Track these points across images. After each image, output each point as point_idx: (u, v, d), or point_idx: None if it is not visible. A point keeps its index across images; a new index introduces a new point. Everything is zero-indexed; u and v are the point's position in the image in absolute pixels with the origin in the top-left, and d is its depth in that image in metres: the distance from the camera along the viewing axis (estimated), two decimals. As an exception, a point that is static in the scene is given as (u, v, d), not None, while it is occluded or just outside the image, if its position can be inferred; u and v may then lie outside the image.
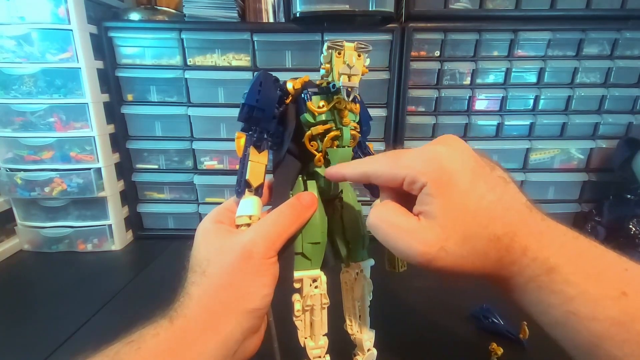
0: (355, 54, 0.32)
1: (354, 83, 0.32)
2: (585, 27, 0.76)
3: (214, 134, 0.82)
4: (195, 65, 0.78)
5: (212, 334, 0.26)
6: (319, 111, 0.34)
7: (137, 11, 0.81)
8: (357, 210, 0.38)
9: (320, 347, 0.36)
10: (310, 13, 0.71)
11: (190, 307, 0.27)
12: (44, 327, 0.55)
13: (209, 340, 0.26)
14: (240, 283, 0.28)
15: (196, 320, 0.26)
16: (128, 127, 0.82)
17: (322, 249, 0.36)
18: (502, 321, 0.52)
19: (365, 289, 0.40)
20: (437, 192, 0.26)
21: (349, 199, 0.38)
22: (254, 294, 0.28)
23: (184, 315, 0.27)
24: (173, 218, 0.87)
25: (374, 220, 0.29)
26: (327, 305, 0.36)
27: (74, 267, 0.75)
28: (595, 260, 0.24)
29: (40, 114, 0.74)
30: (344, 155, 0.36)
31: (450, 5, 0.75)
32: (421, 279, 0.65)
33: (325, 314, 0.36)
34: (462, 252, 0.25)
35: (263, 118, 0.35)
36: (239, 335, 0.28)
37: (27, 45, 0.70)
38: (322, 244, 0.36)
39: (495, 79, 0.80)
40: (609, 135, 0.83)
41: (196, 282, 0.28)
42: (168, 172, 0.85)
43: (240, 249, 0.29)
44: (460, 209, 0.25)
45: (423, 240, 0.26)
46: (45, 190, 0.77)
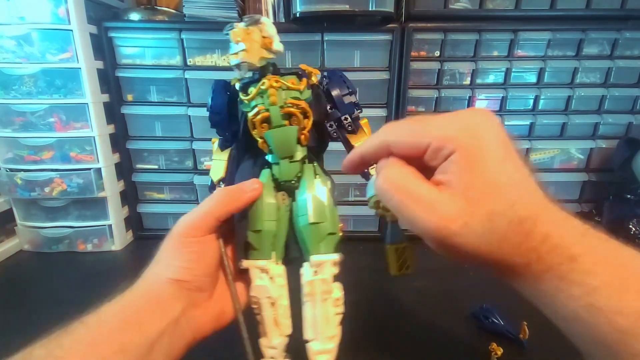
0: (243, 30, 0.33)
1: (242, 58, 0.32)
2: (585, 27, 0.76)
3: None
4: (195, 66, 0.78)
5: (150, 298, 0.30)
6: (247, 99, 0.35)
7: (137, 11, 0.81)
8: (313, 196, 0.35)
9: (272, 347, 0.34)
10: (310, 13, 0.71)
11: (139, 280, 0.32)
12: (44, 327, 0.55)
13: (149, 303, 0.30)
14: (164, 257, 0.33)
15: (140, 288, 0.31)
16: (128, 127, 0.82)
17: (269, 237, 0.34)
18: (502, 321, 0.52)
19: (317, 291, 0.33)
20: (467, 162, 0.23)
21: (304, 185, 0.36)
22: (172, 266, 0.32)
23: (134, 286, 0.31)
24: (173, 218, 0.87)
25: (385, 184, 0.26)
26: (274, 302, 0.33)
27: (74, 267, 0.75)
28: (617, 252, 0.22)
29: (40, 114, 0.74)
30: (279, 135, 0.35)
31: (450, 5, 0.75)
32: (421, 279, 0.65)
33: (281, 312, 0.34)
34: (484, 230, 0.23)
35: (221, 121, 0.40)
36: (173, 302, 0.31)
37: (27, 45, 0.70)
38: (265, 232, 0.34)
39: (495, 79, 0.80)
40: (609, 135, 0.82)
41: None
42: (168, 172, 0.85)
43: (172, 230, 0.33)
44: (489, 183, 0.23)
45: (444, 213, 0.23)
46: (45, 191, 0.77)
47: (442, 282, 0.65)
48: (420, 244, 0.36)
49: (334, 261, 0.34)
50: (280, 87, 0.35)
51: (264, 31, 0.33)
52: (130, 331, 0.28)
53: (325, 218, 0.34)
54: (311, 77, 0.39)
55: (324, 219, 0.34)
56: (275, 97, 0.34)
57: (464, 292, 0.62)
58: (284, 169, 0.36)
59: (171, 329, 0.30)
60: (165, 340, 0.29)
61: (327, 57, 0.76)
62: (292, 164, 0.36)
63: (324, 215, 0.34)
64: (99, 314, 0.29)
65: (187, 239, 0.32)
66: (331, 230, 0.35)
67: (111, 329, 0.28)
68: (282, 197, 0.37)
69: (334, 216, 0.35)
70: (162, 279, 0.31)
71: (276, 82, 0.35)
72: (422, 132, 0.25)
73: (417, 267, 0.36)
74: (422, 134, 0.25)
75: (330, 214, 0.35)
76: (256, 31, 0.33)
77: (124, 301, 0.30)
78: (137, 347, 0.28)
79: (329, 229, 0.34)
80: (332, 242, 0.35)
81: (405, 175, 0.26)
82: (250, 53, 0.32)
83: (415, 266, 0.37)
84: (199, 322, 0.32)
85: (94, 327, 0.28)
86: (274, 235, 0.35)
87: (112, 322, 0.28)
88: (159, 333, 0.29)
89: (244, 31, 0.33)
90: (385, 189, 0.26)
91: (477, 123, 0.24)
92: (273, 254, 0.35)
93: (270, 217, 0.35)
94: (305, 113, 0.36)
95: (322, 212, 0.34)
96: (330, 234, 0.35)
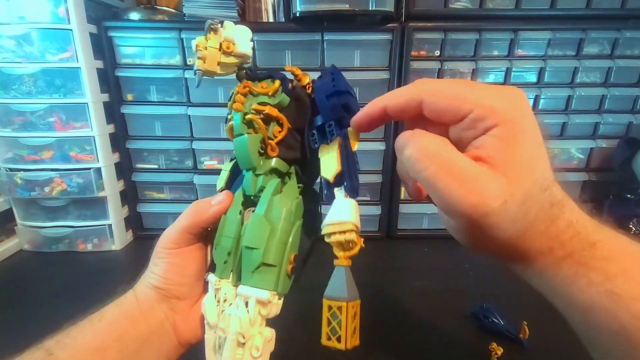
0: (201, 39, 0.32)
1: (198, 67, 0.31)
2: (585, 26, 0.76)
3: (214, 133, 0.82)
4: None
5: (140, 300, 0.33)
6: (229, 107, 0.34)
7: (136, 11, 0.81)
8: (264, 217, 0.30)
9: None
10: (310, 12, 0.71)
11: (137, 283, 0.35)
12: (44, 327, 0.55)
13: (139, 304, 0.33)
14: (150, 265, 0.35)
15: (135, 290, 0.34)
16: (128, 126, 0.82)
17: (223, 255, 0.32)
18: (502, 321, 0.52)
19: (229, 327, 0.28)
20: (511, 138, 0.22)
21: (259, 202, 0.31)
22: (152, 273, 0.34)
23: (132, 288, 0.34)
24: (173, 218, 0.84)
25: (420, 152, 0.23)
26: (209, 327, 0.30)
27: (74, 267, 0.75)
28: (630, 242, 0.23)
29: (40, 113, 0.74)
30: (237, 145, 0.32)
31: (450, 5, 0.75)
32: (421, 279, 0.65)
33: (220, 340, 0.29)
34: (517, 214, 0.22)
35: None
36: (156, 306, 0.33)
37: (27, 45, 0.70)
38: (220, 247, 0.32)
39: (495, 79, 0.80)
40: (609, 135, 0.82)
41: None
42: (168, 172, 0.85)
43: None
44: (530, 164, 0.22)
45: (485, 191, 0.21)
46: (45, 190, 0.77)
47: (442, 282, 0.65)
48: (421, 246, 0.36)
49: (261, 299, 0.28)
50: (250, 92, 0.33)
51: (222, 36, 0.32)
52: (125, 325, 0.31)
53: (260, 244, 0.29)
54: (300, 79, 0.35)
55: (259, 245, 0.29)
56: (240, 103, 0.32)
57: (464, 292, 0.62)
58: (246, 182, 0.33)
59: (158, 330, 0.33)
60: (155, 340, 0.32)
61: (327, 57, 0.76)
62: (254, 177, 0.33)
63: (260, 241, 0.29)
64: (101, 310, 0.32)
65: (165, 250, 0.34)
66: (268, 260, 0.29)
67: (110, 321, 0.31)
68: (249, 213, 0.33)
69: (279, 244, 0.29)
70: (147, 284, 0.34)
71: (244, 88, 0.33)
72: (464, 97, 0.23)
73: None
74: (464, 98, 0.23)
75: (275, 242, 0.29)
76: (213, 37, 0.32)
77: (122, 300, 0.33)
78: (132, 339, 0.31)
79: (265, 259, 0.29)
80: (268, 276, 0.29)
81: (443, 144, 0.23)
82: (206, 61, 0.31)
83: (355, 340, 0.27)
84: (180, 329, 0.34)
85: (96, 321, 0.31)
86: (229, 252, 0.31)
87: (110, 317, 0.32)
88: (149, 331, 0.32)
89: (203, 39, 0.32)
90: (418, 158, 0.23)
91: (521, 101, 0.23)
92: (231, 274, 0.31)
93: (227, 233, 0.32)
94: (277, 120, 0.33)
95: (260, 237, 0.29)
96: (266, 265, 0.29)
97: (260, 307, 0.28)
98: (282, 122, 0.33)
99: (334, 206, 0.29)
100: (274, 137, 0.33)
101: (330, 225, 0.28)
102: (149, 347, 0.32)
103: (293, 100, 0.34)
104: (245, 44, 0.34)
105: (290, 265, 0.30)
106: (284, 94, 0.33)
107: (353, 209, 0.28)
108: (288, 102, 0.34)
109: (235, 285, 0.31)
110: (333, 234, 0.28)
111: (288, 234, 0.30)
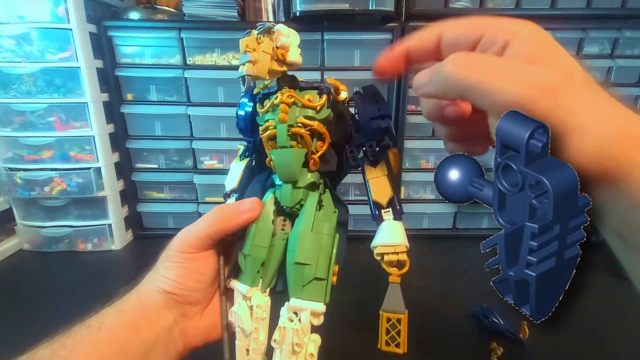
0: (252, 40, 0.29)
1: (242, 71, 0.29)
2: (585, 26, 0.76)
3: (214, 133, 0.82)
4: (195, 65, 0.78)
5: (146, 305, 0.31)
6: (261, 112, 0.33)
7: (136, 10, 0.81)
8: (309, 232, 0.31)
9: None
10: (310, 12, 0.71)
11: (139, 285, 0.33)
12: (44, 327, 0.55)
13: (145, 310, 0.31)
14: (160, 267, 0.33)
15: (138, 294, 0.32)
16: (128, 126, 0.82)
17: (255, 265, 0.32)
18: (502, 321, 0.52)
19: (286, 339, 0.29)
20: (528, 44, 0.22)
21: (301, 216, 0.32)
22: (165, 277, 0.32)
23: (135, 291, 0.32)
24: (173, 217, 0.87)
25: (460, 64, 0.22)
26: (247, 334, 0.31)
27: (74, 267, 0.75)
28: None
29: (40, 113, 0.74)
30: (282, 157, 0.32)
31: (451, 5, 0.75)
32: (421, 279, 0.65)
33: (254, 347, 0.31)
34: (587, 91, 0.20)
35: (245, 128, 0.37)
36: (166, 312, 0.31)
37: (27, 44, 0.70)
38: (252, 258, 0.32)
39: (496, 79, 0.80)
40: (609, 135, 0.82)
41: None
42: (168, 171, 0.85)
43: (169, 243, 0.33)
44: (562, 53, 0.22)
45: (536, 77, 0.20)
46: (45, 190, 0.77)
47: (442, 282, 0.65)
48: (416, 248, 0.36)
49: (315, 311, 0.30)
50: (295, 103, 0.31)
51: (277, 41, 0.30)
52: (128, 334, 0.29)
53: (312, 260, 0.30)
54: (339, 92, 0.35)
55: (310, 261, 0.30)
56: (285, 114, 0.30)
57: (464, 292, 0.63)
58: (284, 194, 0.33)
59: (165, 336, 0.31)
60: (160, 347, 0.31)
61: (327, 57, 0.76)
62: (295, 190, 0.33)
63: (311, 257, 0.30)
64: (100, 316, 0.30)
65: (180, 254, 0.32)
66: (319, 275, 0.30)
67: (111, 331, 0.29)
68: (281, 222, 0.33)
69: (325, 258, 0.31)
70: (155, 288, 0.32)
71: (289, 98, 0.31)
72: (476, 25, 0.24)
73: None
74: (476, 26, 0.24)
75: (322, 257, 0.30)
76: (267, 41, 0.29)
77: (124, 305, 0.31)
78: (136, 349, 0.29)
79: (316, 274, 0.30)
80: (318, 289, 0.30)
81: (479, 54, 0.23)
82: (257, 66, 0.29)
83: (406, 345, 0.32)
84: (190, 334, 0.33)
85: (95, 329, 0.29)
86: (262, 262, 0.32)
87: (112, 325, 0.29)
88: (154, 339, 0.30)
89: (254, 40, 0.29)
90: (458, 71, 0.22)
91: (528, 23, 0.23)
92: (260, 281, 0.32)
93: (260, 243, 0.32)
94: (320, 135, 0.32)
95: (311, 253, 0.30)
96: (317, 280, 0.30)
97: (312, 317, 0.30)
98: (325, 137, 0.33)
99: (385, 229, 0.33)
100: (316, 151, 0.33)
101: (384, 247, 0.32)
102: (154, 355, 0.30)
103: (335, 116, 0.34)
104: (296, 51, 0.32)
105: (334, 277, 0.31)
106: (329, 110, 0.33)
107: (403, 232, 0.33)
108: (331, 117, 0.33)
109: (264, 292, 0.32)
110: (386, 254, 0.32)
111: (331, 247, 0.31)
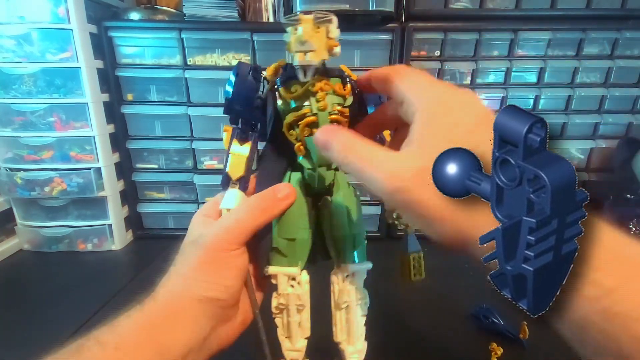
0: (313, 27, 0.28)
1: (309, 61, 0.28)
2: (585, 26, 0.76)
3: (214, 133, 0.82)
4: (195, 65, 0.78)
5: (177, 317, 0.28)
6: (290, 97, 0.32)
7: (137, 11, 0.81)
8: (348, 206, 0.34)
9: (297, 349, 0.34)
10: (310, 12, 0.71)
11: (160, 293, 0.29)
12: (44, 327, 0.55)
13: (175, 323, 0.27)
14: (200, 273, 0.29)
15: (164, 304, 0.28)
16: (128, 126, 0.82)
17: (302, 246, 0.34)
18: (502, 321, 0.52)
19: (352, 297, 0.34)
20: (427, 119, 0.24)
21: (339, 194, 0.35)
22: (214, 283, 0.29)
23: (154, 300, 0.28)
24: (173, 218, 0.87)
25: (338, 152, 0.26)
26: (303, 308, 0.33)
27: (74, 267, 0.75)
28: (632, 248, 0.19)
29: (40, 113, 0.74)
30: None
31: (451, 5, 0.75)
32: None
33: (305, 316, 0.34)
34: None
35: (242, 110, 0.35)
36: (205, 322, 0.28)
37: (27, 44, 0.70)
38: (299, 240, 0.33)
39: (496, 79, 0.80)
40: (609, 135, 0.82)
41: (170, 270, 0.30)
42: (168, 171, 0.85)
43: (203, 242, 0.30)
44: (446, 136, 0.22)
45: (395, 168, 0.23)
46: (45, 190, 0.77)
47: (442, 282, 0.65)
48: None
49: (368, 269, 0.35)
50: (330, 91, 0.32)
51: (331, 32, 0.29)
52: (149, 352, 0.26)
53: (360, 229, 0.35)
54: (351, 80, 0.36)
55: (360, 230, 0.35)
56: (326, 102, 0.31)
57: (464, 292, 0.62)
58: (320, 177, 0.34)
59: (198, 347, 0.28)
60: (190, 357, 0.28)
61: (327, 57, 0.76)
62: (329, 172, 0.35)
63: (359, 227, 0.35)
64: (114, 329, 0.26)
65: (224, 253, 0.29)
66: (364, 240, 0.36)
67: (130, 350, 0.25)
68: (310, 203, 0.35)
69: (363, 225, 0.36)
70: (191, 296, 0.28)
71: (326, 85, 0.31)
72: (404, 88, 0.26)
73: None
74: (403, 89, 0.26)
75: (362, 225, 0.35)
76: (324, 30, 0.29)
77: (143, 318, 0.27)
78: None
79: (363, 239, 0.35)
80: (363, 252, 0.35)
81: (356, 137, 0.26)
82: (317, 55, 0.28)
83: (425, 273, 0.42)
84: (226, 335, 0.31)
85: (110, 348, 0.25)
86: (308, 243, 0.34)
87: (130, 342, 0.26)
88: (183, 354, 0.27)
89: (313, 28, 0.28)
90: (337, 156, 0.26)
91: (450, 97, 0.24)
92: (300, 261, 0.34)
93: (305, 226, 0.34)
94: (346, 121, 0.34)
95: (358, 224, 0.35)
96: (363, 244, 0.35)
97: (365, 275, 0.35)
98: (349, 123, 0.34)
99: None
100: None
101: None
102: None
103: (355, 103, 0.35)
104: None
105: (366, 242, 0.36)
106: (351, 97, 0.34)
107: None
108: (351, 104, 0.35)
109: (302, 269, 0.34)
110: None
111: (362, 219, 0.36)
